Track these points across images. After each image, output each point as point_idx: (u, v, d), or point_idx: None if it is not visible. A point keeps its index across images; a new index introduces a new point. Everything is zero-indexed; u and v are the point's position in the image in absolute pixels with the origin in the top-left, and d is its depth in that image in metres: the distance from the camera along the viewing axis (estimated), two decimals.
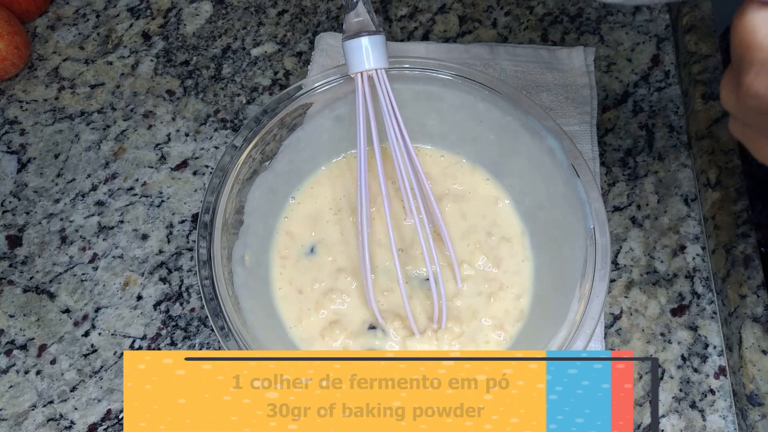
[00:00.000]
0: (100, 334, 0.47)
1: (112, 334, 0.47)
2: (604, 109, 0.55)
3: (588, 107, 0.53)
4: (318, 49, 0.56)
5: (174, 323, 0.47)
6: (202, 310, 0.48)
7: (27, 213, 0.52)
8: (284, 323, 0.44)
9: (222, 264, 0.39)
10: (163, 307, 0.48)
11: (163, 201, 0.52)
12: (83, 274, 0.49)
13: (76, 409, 0.45)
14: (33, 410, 0.45)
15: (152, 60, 0.59)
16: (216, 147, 0.54)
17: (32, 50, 0.60)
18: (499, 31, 0.59)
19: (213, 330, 0.44)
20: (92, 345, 0.47)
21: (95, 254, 0.50)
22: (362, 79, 0.41)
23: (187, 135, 0.55)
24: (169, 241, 0.50)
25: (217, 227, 0.40)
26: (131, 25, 0.61)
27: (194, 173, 0.53)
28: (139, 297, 0.48)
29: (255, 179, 0.44)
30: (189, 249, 0.50)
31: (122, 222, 0.51)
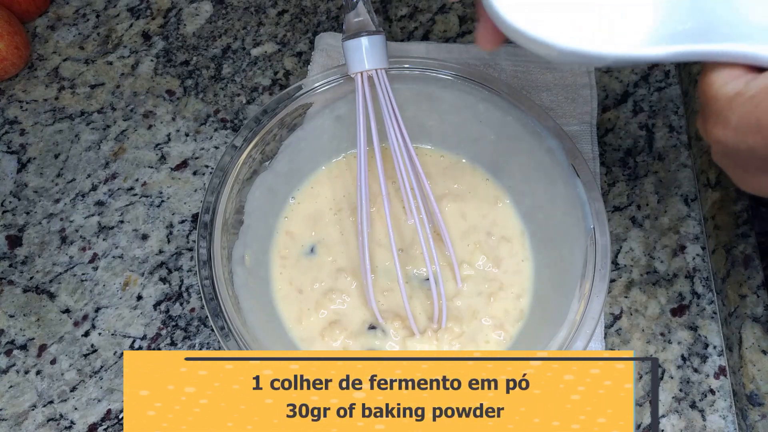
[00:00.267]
0: (100, 334, 0.47)
1: (112, 334, 0.47)
2: (604, 109, 0.55)
3: (588, 107, 0.53)
4: (318, 49, 0.56)
5: (174, 323, 0.47)
6: (202, 310, 0.48)
7: (27, 213, 0.52)
8: (284, 323, 0.44)
9: (222, 264, 0.39)
10: (163, 307, 0.48)
11: (163, 201, 0.52)
12: (83, 274, 0.49)
13: (76, 409, 0.45)
14: (33, 410, 0.45)
15: (152, 60, 0.59)
16: (216, 147, 0.54)
17: (32, 50, 0.60)
18: None
19: (213, 330, 0.44)
20: (92, 345, 0.47)
21: (95, 254, 0.50)
22: (362, 79, 0.41)
23: (187, 135, 0.55)
24: (169, 241, 0.50)
25: (217, 227, 0.40)
26: (131, 25, 0.61)
27: (194, 173, 0.53)
28: (139, 297, 0.48)
29: (255, 179, 0.44)
30: (189, 249, 0.50)
31: (122, 222, 0.51)
